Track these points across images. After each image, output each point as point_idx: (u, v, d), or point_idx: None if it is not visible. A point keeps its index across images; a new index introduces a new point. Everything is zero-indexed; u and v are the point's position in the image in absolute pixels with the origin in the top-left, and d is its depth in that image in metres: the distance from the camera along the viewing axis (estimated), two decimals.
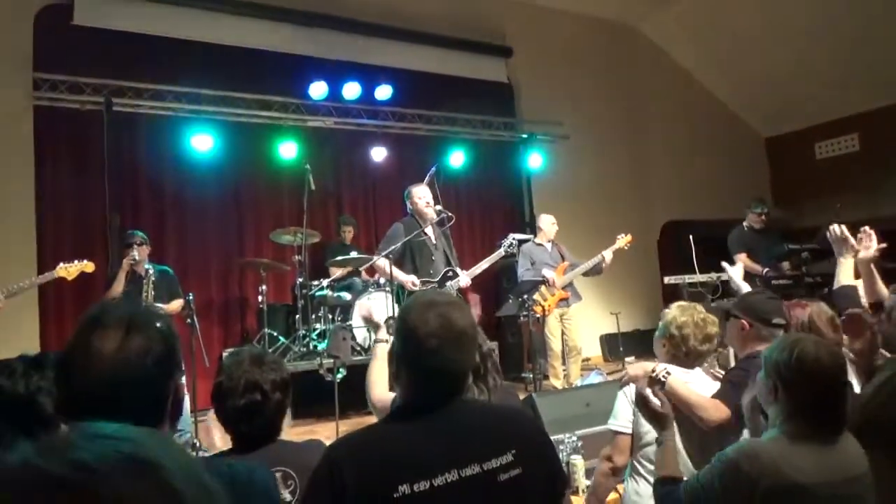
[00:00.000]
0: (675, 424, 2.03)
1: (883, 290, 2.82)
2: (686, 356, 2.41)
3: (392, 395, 2.19)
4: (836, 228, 2.78)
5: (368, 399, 2.32)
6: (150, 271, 4.69)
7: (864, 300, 2.96)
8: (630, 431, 2.32)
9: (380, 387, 2.31)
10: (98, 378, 1.06)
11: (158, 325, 1.15)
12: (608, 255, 6.05)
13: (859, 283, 2.89)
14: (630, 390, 2.32)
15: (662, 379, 2.22)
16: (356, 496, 1.28)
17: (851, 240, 2.75)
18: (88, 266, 4.36)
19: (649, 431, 2.15)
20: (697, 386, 2.36)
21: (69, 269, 4.11)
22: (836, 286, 2.73)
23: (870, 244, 2.87)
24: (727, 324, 2.56)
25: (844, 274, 2.74)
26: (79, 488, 0.41)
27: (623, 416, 2.34)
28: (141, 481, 0.44)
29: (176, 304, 4.89)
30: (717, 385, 2.41)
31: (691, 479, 1.80)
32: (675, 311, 2.46)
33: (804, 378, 1.66)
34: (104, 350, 1.07)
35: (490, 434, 1.43)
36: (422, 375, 1.44)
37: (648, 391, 2.06)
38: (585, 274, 6.20)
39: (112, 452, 0.44)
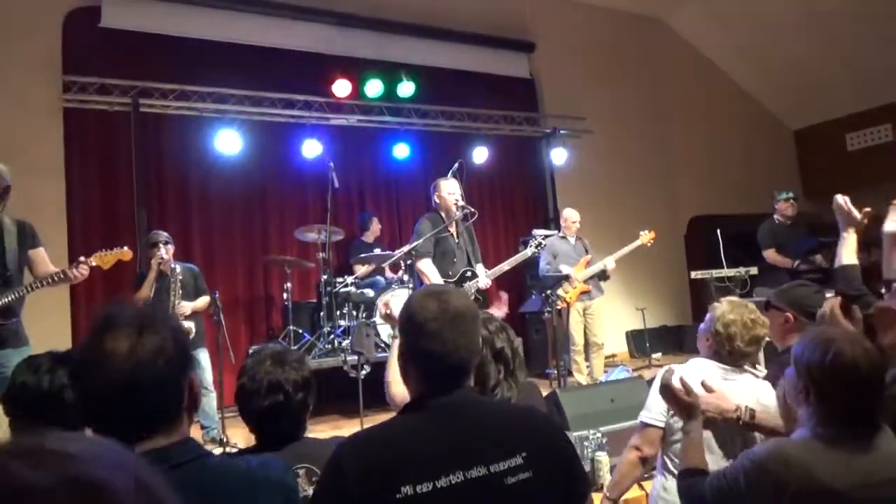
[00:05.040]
0: (701, 417, 1.99)
1: None
2: (729, 355, 2.33)
3: None
4: (840, 199, 2.51)
5: (387, 396, 2.31)
6: (178, 269, 4.74)
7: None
8: (662, 425, 2.28)
9: (397, 384, 2.30)
10: (113, 379, 1.09)
11: (169, 324, 1.18)
12: (610, 262, 6.10)
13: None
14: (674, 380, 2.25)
15: (749, 421, 2.12)
16: (359, 496, 1.26)
17: (855, 212, 2.48)
18: (126, 254, 3.95)
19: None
20: (744, 390, 2.28)
21: (104, 258, 3.91)
22: (836, 265, 2.46)
23: None
24: (767, 314, 2.44)
25: (847, 252, 2.44)
26: None
27: (656, 408, 2.30)
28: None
29: (203, 302, 4.94)
30: (763, 385, 2.32)
31: (717, 475, 1.75)
32: (725, 307, 2.35)
33: (840, 384, 1.56)
34: (117, 351, 1.09)
35: (500, 434, 1.38)
36: (423, 362, 1.42)
37: (674, 379, 2.03)
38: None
39: (55, 474, 0.44)
